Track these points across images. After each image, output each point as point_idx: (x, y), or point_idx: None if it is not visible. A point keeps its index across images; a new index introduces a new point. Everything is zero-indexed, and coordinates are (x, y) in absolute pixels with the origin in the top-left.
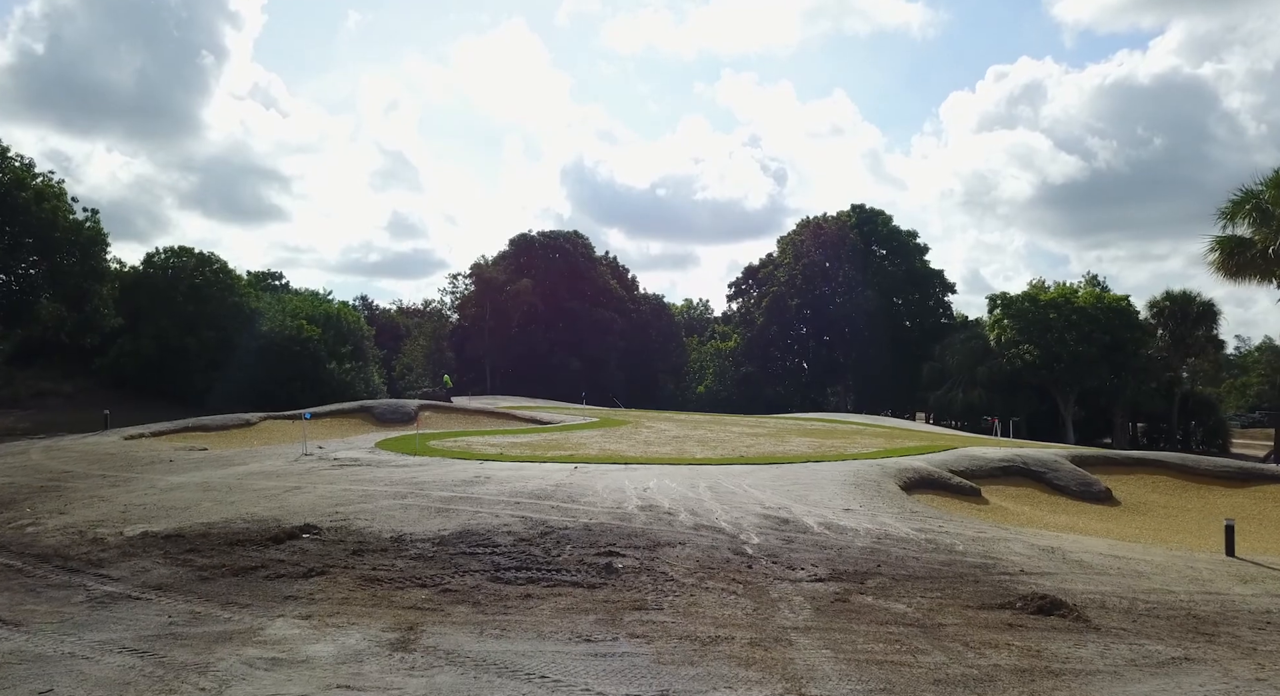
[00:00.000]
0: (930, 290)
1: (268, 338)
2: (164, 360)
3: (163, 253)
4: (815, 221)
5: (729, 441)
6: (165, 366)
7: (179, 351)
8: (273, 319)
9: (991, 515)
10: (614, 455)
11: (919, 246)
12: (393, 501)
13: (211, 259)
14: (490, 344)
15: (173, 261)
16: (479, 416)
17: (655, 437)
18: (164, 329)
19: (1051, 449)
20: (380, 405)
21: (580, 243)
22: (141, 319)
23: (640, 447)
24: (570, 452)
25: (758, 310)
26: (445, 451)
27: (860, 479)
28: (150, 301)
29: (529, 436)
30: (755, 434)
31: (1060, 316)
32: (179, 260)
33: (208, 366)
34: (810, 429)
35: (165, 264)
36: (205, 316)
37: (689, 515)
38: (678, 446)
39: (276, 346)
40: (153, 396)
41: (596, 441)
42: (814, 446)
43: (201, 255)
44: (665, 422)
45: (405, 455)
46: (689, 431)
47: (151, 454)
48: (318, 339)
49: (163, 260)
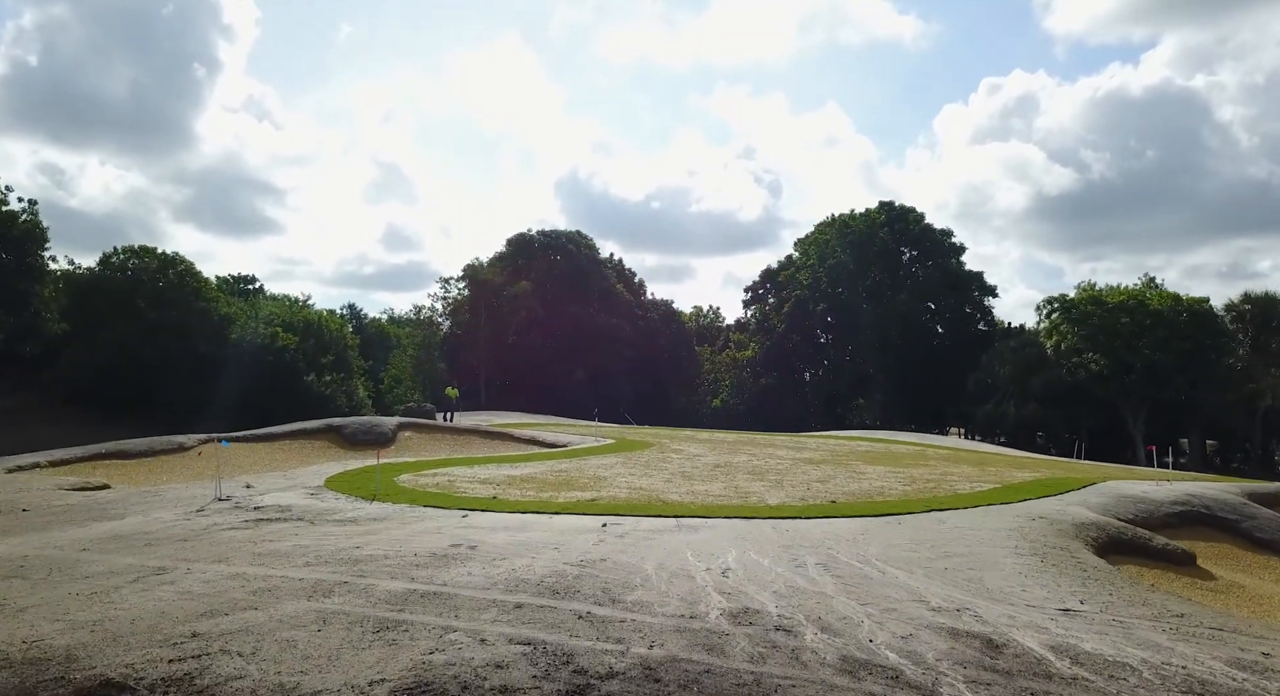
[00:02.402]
0: (968, 294)
1: (238, 347)
2: (121, 372)
3: (121, 252)
4: (841, 219)
5: (789, 473)
6: (122, 379)
7: (138, 362)
8: (244, 326)
9: (1233, 599)
10: (652, 499)
11: (954, 246)
12: (304, 607)
13: (176, 260)
14: (485, 353)
15: (132, 262)
16: (470, 437)
17: (692, 466)
18: (121, 337)
19: (1219, 484)
20: (351, 424)
21: (584, 243)
22: (97, 326)
23: (680, 483)
24: (590, 493)
25: (777, 316)
26: (416, 494)
27: (1034, 541)
28: (107, 307)
29: (531, 465)
30: (811, 460)
31: (1133, 321)
32: (139, 261)
33: (170, 379)
34: (870, 452)
35: (123, 265)
36: (168, 323)
37: (819, 632)
38: (728, 481)
39: (248, 356)
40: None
41: (620, 473)
42: (907, 482)
43: (164, 256)
44: (693, 444)
45: (358, 500)
46: (728, 457)
47: (13, 498)
48: (295, 348)
49: (120, 260)
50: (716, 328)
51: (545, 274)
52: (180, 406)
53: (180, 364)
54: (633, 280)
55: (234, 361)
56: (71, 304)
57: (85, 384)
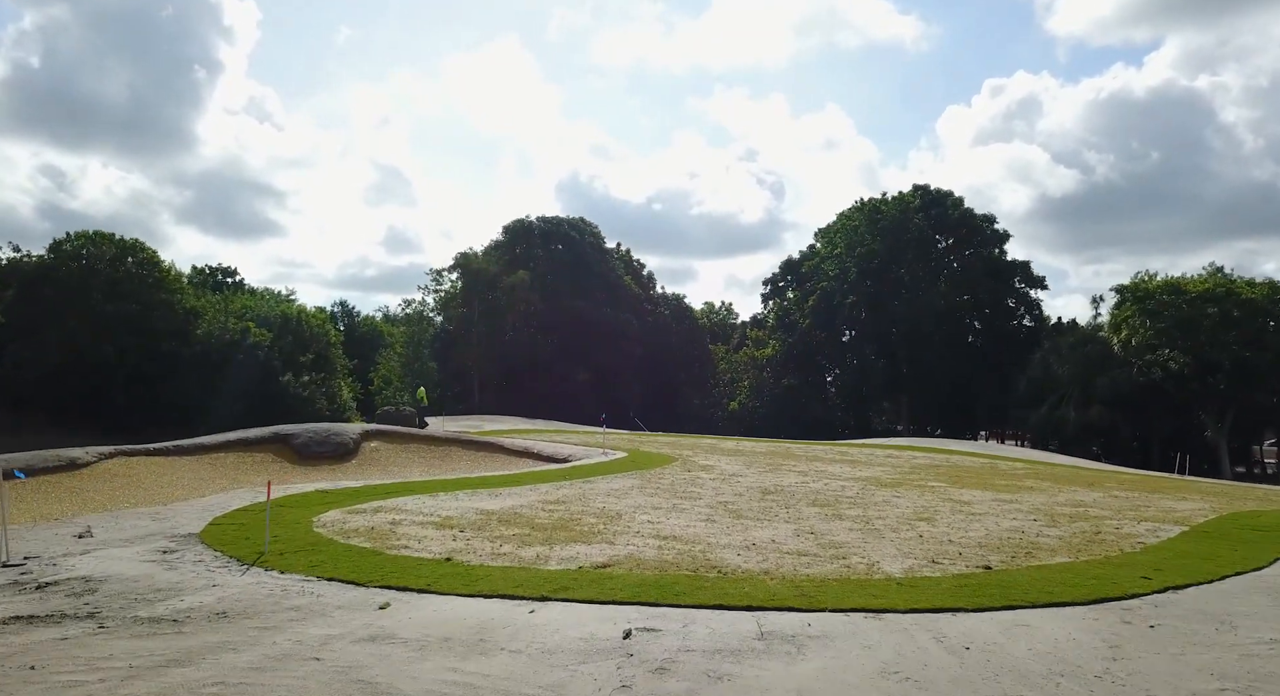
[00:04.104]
0: (1010, 285)
1: (203, 343)
2: (71, 372)
3: (74, 239)
4: (871, 204)
5: (866, 502)
6: (72, 380)
7: (91, 361)
8: (213, 320)
9: None
10: (698, 560)
11: (997, 233)
12: None
13: (136, 247)
14: (479, 351)
15: (86, 250)
16: (450, 448)
17: (732, 492)
18: (72, 333)
19: None
20: (303, 433)
21: (588, 230)
22: (45, 321)
23: (727, 523)
24: (599, 546)
25: (800, 311)
26: (326, 552)
27: None
28: (57, 299)
29: (517, 494)
30: (879, 481)
31: (1220, 312)
32: (93, 247)
33: (128, 380)
34: (941, 468)
35: (76, 252)
36: (125, 317)
37: None
38: (795, 520)
39: (214, 353)
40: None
41: (639, 506)
42: (1043, 519)
43: (122, 242)
44: (722, 457)
45: (231, 565)
46: (772, 476)
47: None
48: (269, 345)
49: (73, 247)
50: (730, 324)
51: (545, 264)
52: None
53: (139, 363)
54: (641, 272)
55: (200, 360)
56: (17, 296)
57: (25, 387)
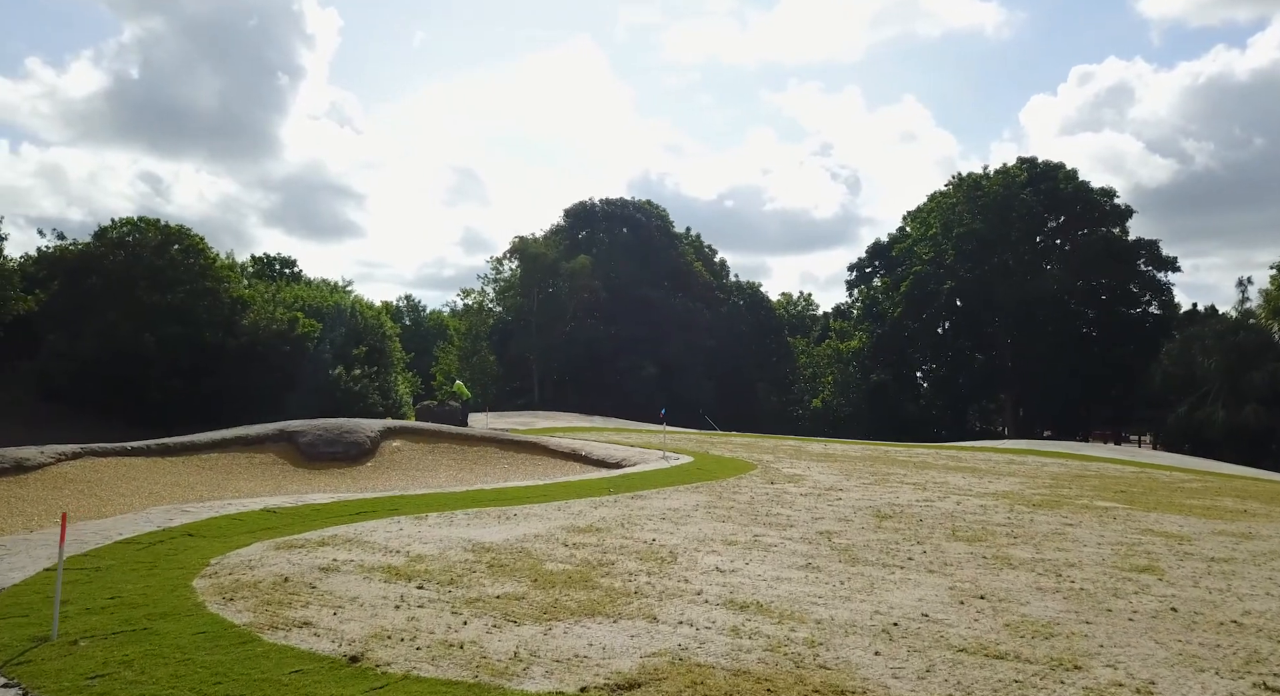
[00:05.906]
0: (1134, 268)
1: (249, 333)
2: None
3: (119, 225)
4: (971, 179)
5: (1031, 537)
6: (110, 372)
7: (132, 353)
8: (260, 310)
9: None
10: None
11: (1117, 210)
12: None
13: (181, 233)
14: (538, 342)
15: (131, 237)
16: (485, 449)
17: (835, 515)
18: (112, 324)
19: None
20: (311, 431)
21: (655, 213)
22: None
23: (840, 571)
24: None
25: (890, 300)
26: (156, 644)
27: None
28: (100, 288)
29: (535, 515)
30: (1027, 500)
31: None
32: (138, 235)
33: (168, 371)
34: (1090, 479)
35: (120, 240)
36: (169, 307)
37: None
38: (947, 573)
39: (260, 344)
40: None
41: (704, 538)
42: None
43: (167, 228)
44: (812, 463)
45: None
46: (881, 492)
47: None
48: (318, 336)
49: (117, 235)
50: (810, 316)
51: (609, 249)
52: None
53: (181, 355)
54: (713, 259)
55: (245, 351)
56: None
57: (62, 379)
